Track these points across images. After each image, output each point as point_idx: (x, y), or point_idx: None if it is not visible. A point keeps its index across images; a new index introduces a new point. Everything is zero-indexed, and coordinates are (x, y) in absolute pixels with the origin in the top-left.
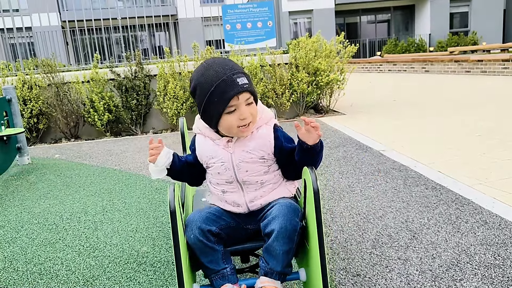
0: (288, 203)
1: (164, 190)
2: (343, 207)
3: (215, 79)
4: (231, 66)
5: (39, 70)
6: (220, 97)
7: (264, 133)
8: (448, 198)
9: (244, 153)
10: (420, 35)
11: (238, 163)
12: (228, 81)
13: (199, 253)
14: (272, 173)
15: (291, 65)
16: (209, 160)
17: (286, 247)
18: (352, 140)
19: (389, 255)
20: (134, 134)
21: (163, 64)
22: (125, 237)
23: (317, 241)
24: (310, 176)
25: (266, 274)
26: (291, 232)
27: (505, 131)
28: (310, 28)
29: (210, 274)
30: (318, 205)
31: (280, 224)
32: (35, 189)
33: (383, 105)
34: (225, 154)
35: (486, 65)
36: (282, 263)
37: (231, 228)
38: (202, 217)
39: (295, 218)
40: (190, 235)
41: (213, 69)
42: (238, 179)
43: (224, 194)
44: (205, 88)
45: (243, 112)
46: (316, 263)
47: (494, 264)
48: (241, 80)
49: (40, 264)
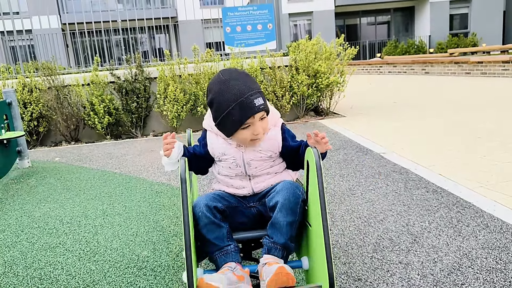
0: (290, 181)
1: (164, 193)
2: (343, 211)
3: (234, 99)
4: (249, 85)
5: (39, 73)
6: (237, 116)
7: (273, 135)
8: (449, 201)
9: (255, 153)
10: (420, 37)
11: (249, 161)
12: (246, 103)
13: (206, 230)
14: (277, 165)
15: (291, 67)
16: (221, 156)
17: (290, 218)
18: (352, 143)
19: (390, 259)
20: (134, 137)
21: (163, 67)
22: (126, 241)
23: (320, 219)
24: (314, 155)
25: (269, 251)
26: (293, 203)
27: (505, 133)
28: (310, 30)
29: (214, 251)
30: (320, 181)
31: (283, 196)
32: (35, 192)
33: (383, 107)
34: (237, 152)
35: (486, 66)
36: (286, 235)
37: (235, 208)
38: (208, 196)
39: (297, 191)
40: (198, 213)
41: (231, 88)
42: (247, 172)
43: (231, 179)
44: (223, 106)
45: (257, 128)
46: (320, 242)
47: (496, 268)
48: (257, 101)
49: (41, 268)
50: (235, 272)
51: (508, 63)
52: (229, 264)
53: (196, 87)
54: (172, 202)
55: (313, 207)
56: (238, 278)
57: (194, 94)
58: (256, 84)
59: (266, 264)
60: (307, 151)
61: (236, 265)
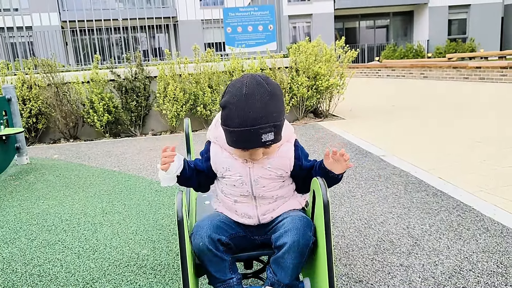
0: (301, 216)
1: (164, 192)
2: (344, 212)
3: (242, 123)
4: (265, 115)
5: (39, 70)
6: (237, 141)
7: (285, 151)
8: (449, 204)
9: (264, 170)
10: (418, 41)
11: (256, 178)
12: (252, 135)
13: (207, 262)
14: (286, 187)
15: (291, 69)
16: (225, 171)
17: (297, 260)
18: (351, 145)
19: (391, 261)
20: (133, 135)
21: (163, 66)
22: (125, 239)
23: (325, 253)
24: (321, 188)
25: (272, 285)
26: (303, 247)
27: (504, 138)
28: (309, 32)
29: (216, 284)
30: (328, 217)
31: (293, 238)
32: (34, 189)
33: (382, 110)
34: (243, 168)
35: (484, 72)
36: (291, 276)
37: (240, 237)
38: (213, 225)
39: (308, 233)
40: (199, 243)
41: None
42: (253, 193)
43: (235, 204)
44: (229, 122)
45: (257, 154)
46: (323, 275)
47: (496, 272)
48: (266, 136)
49: (39, 265)
50: None
51: (506, 68)
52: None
53: (196, 86)
54: (171, 201)
55: (318, 238)
56: None
57: (194, 94)
58: (277, 112)
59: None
60: (313, 180)
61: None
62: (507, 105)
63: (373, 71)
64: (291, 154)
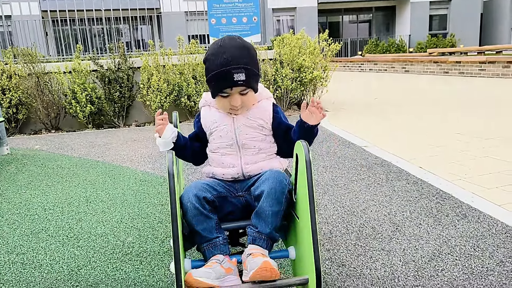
0: (277, 170)
1: (149, 182)
2: (327, 200)
3: (216, 67)
4: (236, 58)
5: (19, 60)
6: (215, 84)
7: (265, 105)
8: (429, 192)
9: (245, 119)
10: (400, 36)
11: (239, 126)
12: (225, 75)
13: (195, 221)
14: (268, 143)
15: (275, 61)
16: (212, 124)
17: (275, 208)
18: (335, 136)
19: (373, 246)
20: (116, 126)
21: (147, 57)
22: (110, 227)
23: (308, 213)
24: (303, 148)
25: (254, 241)
26: (279, 193)
27: (483, 130)
28: (293, 25)
29: (203, 243)
30: (310, 175)
31: (269, 185)
32: (15, 179)
33: (365, 103)
34: (228, 118)
35: (464, 66)
36: (271, 224)
37: (224, 198)
38: (198, 186)
39: (283, 181)
40: (186, 203)
41: (219, 55)
42: (238, 141)
43: (222, 157)
44: (209, 70)
45: (235, 99)
46: (307, 235)
47: (473, 255)
48: (238, 76)
49: (23, 254)
50: (223, 264)
51: (484, 63)
52: (216, 256)
53: (180, 77)
54: (156, 191)
55: (301, 201)
56: (226, 270)
57: (178, 85)
58: (247, 58)
59: (251, 255)
60: (296, 144)
61: (224, 258)
62: (485, 99)
63: (355, 65)
64: (269, 107)
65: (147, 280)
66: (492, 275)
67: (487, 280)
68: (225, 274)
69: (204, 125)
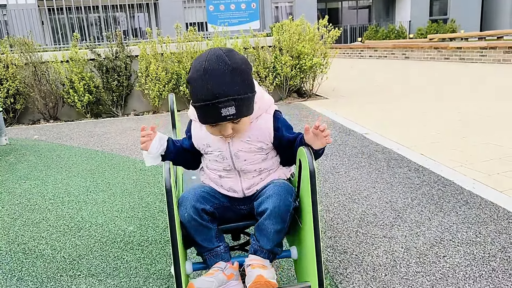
0: (282, 183)
1: (149, 171)
2: (328, 188)
3: (201, 99)
4: (223, 88)
5: (15, 49)
6: (200, 116)
7: (263, 123)
8: (431, 179)
9: (243, 143)
10: (400, 22)
11: (236, 152)
12: (211, 109)
13: (193, 232)
14: (270, 160)
15: (274, 48)
16: (206, 148)
17: (278, 226)
18: (335, 124)
19: (375, 233)
20: (115, 115)
21: (145, 45)
22: (111, 217)
23: (311, 220)
24: (307, 156)
25: (255, 252)
26: (283, 212)
27: (484, 116)
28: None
29: (204, 252)
30: (314, 185)
31: (273, 203)
32: (15, 170)
33: (365, 90)
34: (222, 143)
35: (465, 52)
36: (273, 242)
37: (225, 207)
38: (197, 195)
39: (288, 198)
40: (184, 213)
41: (203, 85)
42: (236, 167)
43: (221, 179)
44: (193, 99)
45: (226, 130)
46: (310, 242)
47: (475, 242)
48: (226, 110)
49: (24, 244)
50: (225, 272)
51: (485, 49)
52: (218, 264)
53: (179, 65)
54: (156, 180)
55: (304, 208)
56: (228, 277)
57: (176, 73)
58: (237, 86)
59: (250, 266)
60: (299, 150)
61: (226, 264)
62: (487, 85)
63: (355, 52)
64: (269, 124)
65: (148, 268)
66: (494, 261)
67: (489, 266)
68: (227, 280)
69: (197, 145)
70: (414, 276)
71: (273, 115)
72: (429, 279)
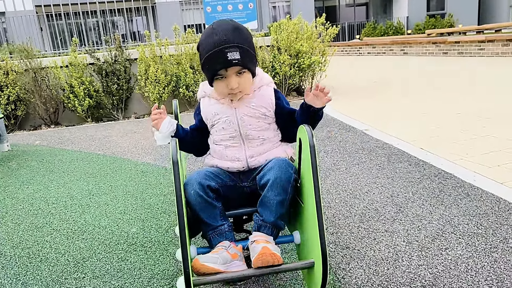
0: (283, 158)
1: (150, 173)
2: (329, 184)
3: (209, 49)
4: (229, 38)
5: (15, 55)
6: (209, 66)
7: (265, 93)
8: (431, 173)
9: (248, 108)
10: (398, 18)
11: (241, 116)
12: (218, 55)
13: (199, 209)
14: (272, 131)
15: (273, 47)
16: (214, 117)
17: (280, 197)
18: (335, 121)
19: (377, 228)
20: (115, 119)
21: (144, 48)
22: (114, 219)
23: (314, 198)
24: (307, 133)
25: (259, 228)
26: (285, 182)
27: (483, 109)
28: (289, 12)
29: (208, 231)
30: (314, 160)
31: (275, 174)
32: (17, 175)
33: (364, 86)
34: (229, 109)
35: (463, 46)
36: (276, 214)
37: (228, 186)
38: (201, 174)
39: (289, 170)
40: (190, 191)
41: (212, 37)
42: (241, 132)
43: (226, 149)
44: (203, 53)
45: (230, 82)
46: (313, 220)
47: (477, 233)
48: (231, 55)
49: (28, 248)
50: (229, 250)
51: (483, 42)
52: (222, 243)
53: (178, 67)
54: (158, 181)
55: (306, 185)
56: (232, 256)
57: (175, 75)
58: (241, 38)
59: (255, 242)
60: (299, 129)
61: (229, 244)
62: (485, 78)
63: (354, 49)
64: (271, 93)
65: (152, 269)
66: (496, 252)
67: (491, 257)
68: (231, 259)
69: (205, 118)
70: (416, 269)
71: (273, 88)
72: (431, 271)
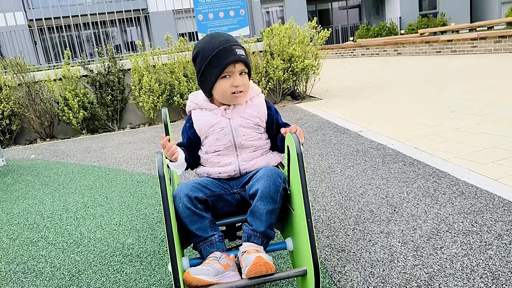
0: (272, 168)
1: (146, 183)
2: (324, 187)
3: (218, 46)
4: (233, 39)
5: (8, 70)
6: (218, 62)
7: (258, 102)
8: (426, 172)
9: (242, 119)
10: (391, 19)
11: (236, 127)
12: (228, 50)
13: (188, 222)
14: (263, 140)
15: (265, 52)
16: (208, 129)
17: (269, 206)
18: (329, 124)
19: (372, 229)
20: (111, 130)
21: (137, 58)
22: (109, 230)
23: (302, 203)
24: (294, 141)
25: (249, 238)
26: (274, 192)
27: (476, 107)
28: (282, 16)
29: (199, 243)
30: (301, 166)
31: (264, 184)
32: (13, 190)
33: (358, 88)
34: (224, 120)
35: (456, 44)
36: (265, 223)
37: (217, 196)
38: (189, 186)
39: (278, 179)
40: (178, 204)
41: (217, 39)
42: (235, 142)
43: (218, 156)
44: (207, 53)
45: (236, 79)
46: (302, 225)
47: (472, 231)
48: (239, 51)
49: (23, 263)
50: (220, 261)
51: (476, 40)
52: (214, 254)
53: (171, 76)
54: (154, 191)
55: (295, 192)
56: (224, 267)
57: (169, 84)
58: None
59: (245, 253)
60: (287, 136)
61: (221, 254)
62: (478, 75)
63: (348, 51)
64: (263, 103)
65: (148, 280)
66: (491, 249)
67: (486, 254)
68: (224, 270)
69: (199, 130)
70: (411, 269)
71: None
72: (426, 271)
